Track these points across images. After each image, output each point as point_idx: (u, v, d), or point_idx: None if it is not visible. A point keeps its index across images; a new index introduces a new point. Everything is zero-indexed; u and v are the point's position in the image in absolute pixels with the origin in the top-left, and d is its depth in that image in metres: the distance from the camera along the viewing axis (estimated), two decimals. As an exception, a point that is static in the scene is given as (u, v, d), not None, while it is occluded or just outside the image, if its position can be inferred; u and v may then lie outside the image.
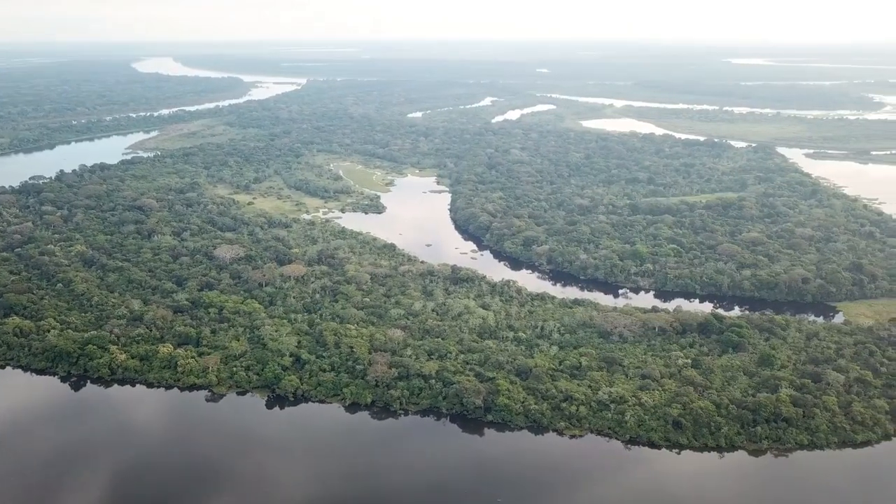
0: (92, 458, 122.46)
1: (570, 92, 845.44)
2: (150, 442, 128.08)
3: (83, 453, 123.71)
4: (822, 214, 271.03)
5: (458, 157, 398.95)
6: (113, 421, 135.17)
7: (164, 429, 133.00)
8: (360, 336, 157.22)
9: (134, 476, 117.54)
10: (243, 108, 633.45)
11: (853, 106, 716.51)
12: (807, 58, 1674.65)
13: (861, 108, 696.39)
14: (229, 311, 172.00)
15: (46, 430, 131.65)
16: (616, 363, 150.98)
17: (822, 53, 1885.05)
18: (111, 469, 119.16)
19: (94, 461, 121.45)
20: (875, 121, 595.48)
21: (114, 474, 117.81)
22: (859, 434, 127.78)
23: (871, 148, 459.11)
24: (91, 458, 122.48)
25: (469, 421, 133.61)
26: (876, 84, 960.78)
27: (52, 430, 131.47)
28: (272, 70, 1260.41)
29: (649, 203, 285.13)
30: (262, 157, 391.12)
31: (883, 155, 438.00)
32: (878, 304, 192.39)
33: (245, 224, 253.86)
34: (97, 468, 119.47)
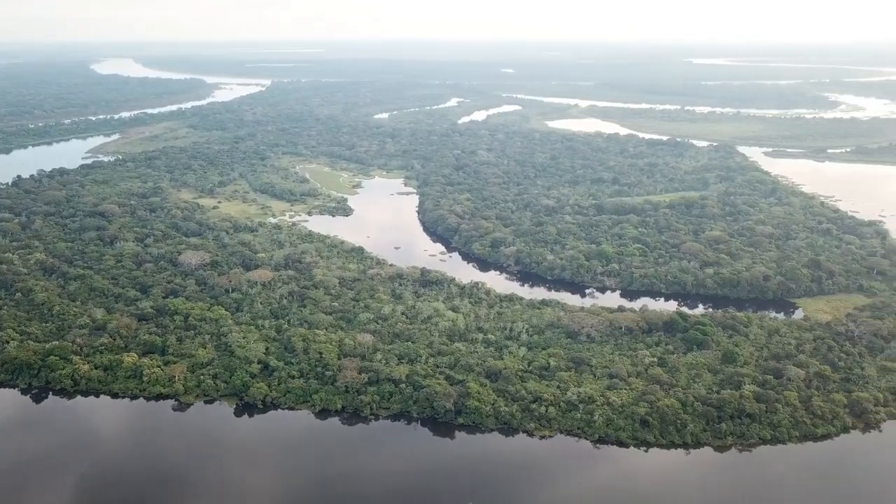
0: (55, 470, 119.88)
1: (535, 92, 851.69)
2: (116, 453, 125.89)
3: (46, 466, 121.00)
4: (782, 212, 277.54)
5: (425, 159, 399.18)
6: (76, 433, 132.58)
7: (129, 439, 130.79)
8: (329, 341, 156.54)
9: (99, 487, 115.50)
10: (207, 111, 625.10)
11: (810, 105, 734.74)
12: (764, 58, 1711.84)
13: (817, 107, 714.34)
14: (195, 319, 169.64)
15: (7, 443, 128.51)
16: (584, 363, 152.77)
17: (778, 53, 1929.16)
18: (75, 481, 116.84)
19: (57, 473, 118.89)
20: (830, 119, 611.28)
21: (78, 486, 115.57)
22: (819, 428, 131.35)
23: (827, 146, 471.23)
24: (54, 470, 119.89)
25: (440, 424, 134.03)
26: (831, 83, 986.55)
27: (13, 444, 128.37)
28: (235, 71, 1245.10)
29: (614, 203, 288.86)
30: (226, 160, 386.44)
31: (838, 153, 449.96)
32: (835, 299, 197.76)
33: (210, 229, 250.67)
34: (60, 481, 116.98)
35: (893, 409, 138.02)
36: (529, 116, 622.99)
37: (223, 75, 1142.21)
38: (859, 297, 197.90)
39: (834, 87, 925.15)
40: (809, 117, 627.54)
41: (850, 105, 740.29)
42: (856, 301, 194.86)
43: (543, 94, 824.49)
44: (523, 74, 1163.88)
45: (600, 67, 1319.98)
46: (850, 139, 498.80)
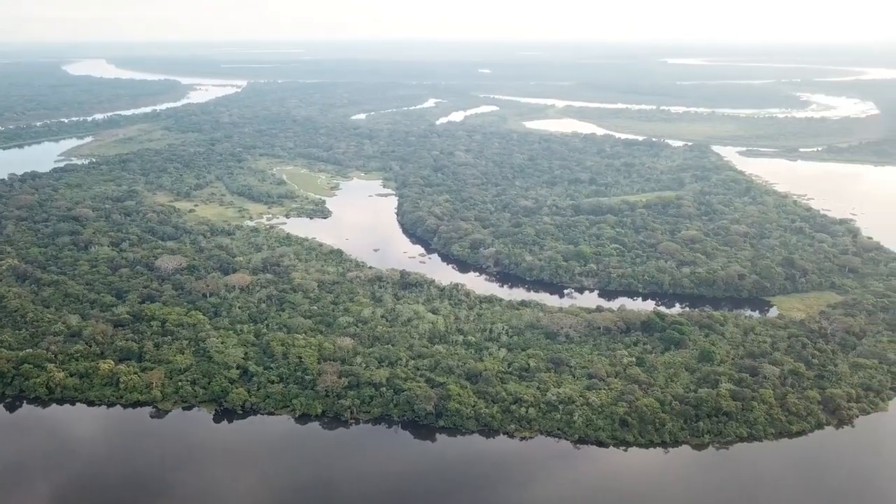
0: (30, 480, 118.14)
1: (512, 92, 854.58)
2: (92, 461, 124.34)
3: (21, 476, 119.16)
4: (756, 211, 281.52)
5: (403, 160, 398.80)
6: (52, 442, 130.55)
7: (106, 448, 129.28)
8: (309, 345, 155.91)
9: (75, 497, 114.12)
10: (182, 112, 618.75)
11: (782, 104, 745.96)
12: (737, 57, 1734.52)
13: (789, 107, 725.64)
14: (172, 324, 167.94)
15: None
16: (563, 364, 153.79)
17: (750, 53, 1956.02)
18: (51, 491, 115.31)
19: (33, 483, 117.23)
20: (802, 119, 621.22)
21: (54, 496, 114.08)
22: (794, 425, 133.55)
23: (799, 145, 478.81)
24: (29, 480, 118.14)
25: (421, 427, 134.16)
26: (802, 83, 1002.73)
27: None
28: (211, 72, 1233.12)
29: (591, 203, 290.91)
30: (202, 162, 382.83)
31: (810, 152, 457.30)
32: (808, 297, 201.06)
33: (187, 232, 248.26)
34: (36, 491, 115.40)
35: (866, 405, 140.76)
36: (507, 117, 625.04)
37: (198, 76, 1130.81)
38: (832, 295, 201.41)
39: (805, 87, 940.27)
40: (782, 117, 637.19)
41: (822, 104, 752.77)
42: (828, 298, 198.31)
43: (520, 95, 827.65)
44: (500, 74, 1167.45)
45: (577, 67, 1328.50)
46: (822, 138, 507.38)
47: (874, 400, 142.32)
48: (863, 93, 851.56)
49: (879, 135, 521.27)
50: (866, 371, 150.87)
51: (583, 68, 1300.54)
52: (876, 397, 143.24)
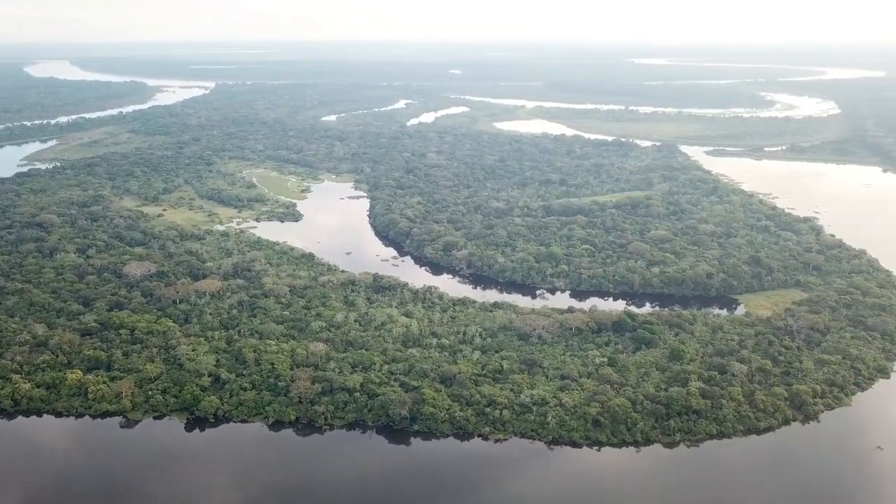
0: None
1: (482, 93, 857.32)
2: (61, 473, 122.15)
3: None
4: (723, 210, 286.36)
5: (374, 162, 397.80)
6: (19, 455, 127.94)
7: (75, 459, 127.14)
8: (281, 351, 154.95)
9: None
10: (149, 115, 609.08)
11: (747, 104, 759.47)
12: (702, 57, 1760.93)
13: (754, 106, 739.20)
14: (142, 332, 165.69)
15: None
16: (536, 365, 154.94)
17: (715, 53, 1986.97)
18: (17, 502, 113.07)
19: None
20: (767, 118, 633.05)
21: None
22: (762, 421, 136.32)
23: (764, 144, 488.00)
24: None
25: (395, 432, 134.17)
26: (766, 83, 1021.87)
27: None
28: (178, 73, 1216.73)
29: (562, 204, 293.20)
30: (170, 165, 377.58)
31: (775, 151, 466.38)
32: (774, 294, 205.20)
33: (155, 238, 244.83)
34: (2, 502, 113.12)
35: (830, 400, 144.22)
36: (478, 118, 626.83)
37: (165, 77, 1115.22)
38: (796, 292, 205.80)
39: (769, 87, 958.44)
40: (747, 116, 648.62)
41: (785, 104, 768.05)
42: (793, 296, 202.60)
43: (491, 96, 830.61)
44: (470, 75, 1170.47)
45: (545, 68, 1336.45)
46: (786, 137, 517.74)
47: (838, 395, 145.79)
48: (824, 92, 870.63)
49: (840, 134, 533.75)
50: (830, 367, 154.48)
51: (551, 69, 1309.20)
52: (840, 392, 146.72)
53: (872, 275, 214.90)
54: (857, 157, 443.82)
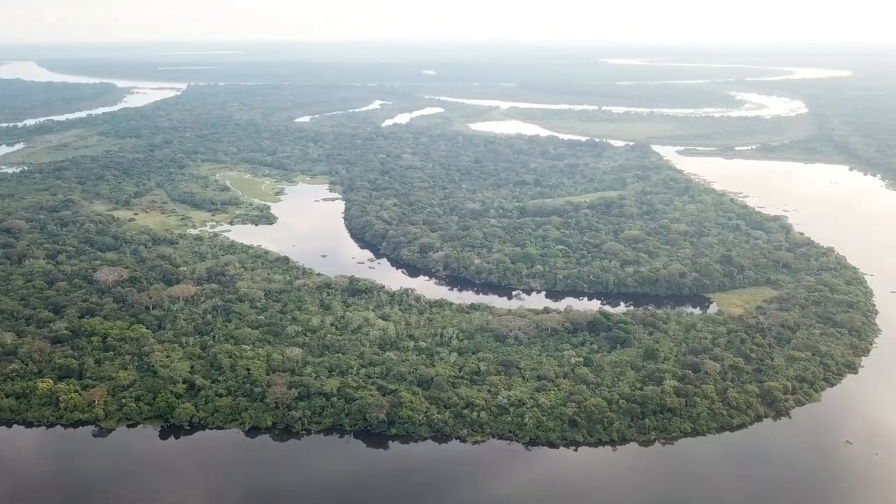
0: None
1: (456, 94, 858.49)
2: (32, 484, 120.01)
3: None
4: (695, 210, 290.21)
5: (349, 163, 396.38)
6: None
7: (46, 469, 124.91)
8: (257, 357, 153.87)
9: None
10: (119, 117, 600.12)
11: (717, 104, 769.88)
12: (673, 58, 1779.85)
13: (724, 106, 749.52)
14: (114, 339, 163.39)
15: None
16: (513, 366, 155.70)
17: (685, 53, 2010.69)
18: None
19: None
20: (737, 118, 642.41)
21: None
22: (735, 418, 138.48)
23: (734, 144, 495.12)
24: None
25: (373, 436, 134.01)
26: (736, 83, 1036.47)
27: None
28: (148, 74, 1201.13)
29: (537, 205, 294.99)
30: (142, 169, 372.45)
31: (745, 150, 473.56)
32: (745, 292, 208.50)
33: (127, 243, 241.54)
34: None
35: (801, 396, 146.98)
36: (452, 119, 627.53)
37: (135, 79, 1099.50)
38: (767, 290, 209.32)
39: (739, 87, 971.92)
40: (718, 116, 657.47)
41: (755, 104, 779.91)
42: (764, 294, 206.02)
43: (465, 96, 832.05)
44: (445, 76, 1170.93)
45: (518, 68, 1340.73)
46: (755, 137, 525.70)
47: (808, 391, 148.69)
48: (792, 92, 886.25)
49: (808, 133, 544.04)
50: (801, 363, 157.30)
51: (524, 69, 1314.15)
52: (810, 388, 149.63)
53: (840, 272, 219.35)
54: (825, 156, 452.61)
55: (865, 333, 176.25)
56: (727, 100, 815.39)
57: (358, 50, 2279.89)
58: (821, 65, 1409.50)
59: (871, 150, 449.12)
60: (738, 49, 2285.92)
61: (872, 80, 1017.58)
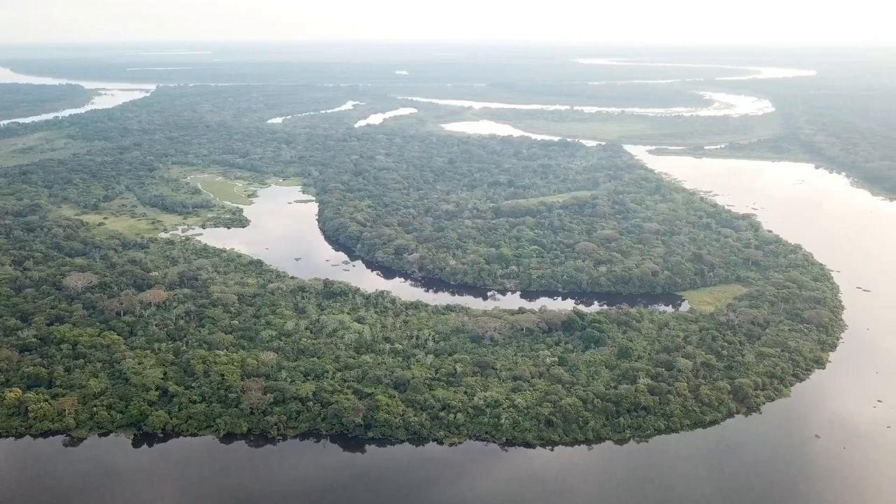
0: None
1: (429, 94, 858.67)
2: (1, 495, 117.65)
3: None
4: (666, 209, 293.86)
5: (322, 165, 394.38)
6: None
7: (14, 480, 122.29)
8: (231, 362, 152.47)
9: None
10: (87, 119, 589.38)
11: (687, 103, 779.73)
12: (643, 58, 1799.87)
13: (694, 106, 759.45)
14: (84, 346, 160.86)
15: None
16: (489, 367, 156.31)
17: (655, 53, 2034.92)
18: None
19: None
20: (706, 117, 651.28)
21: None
22: (708, 415, 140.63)
23: (704, 143, 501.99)
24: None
25: (350, 439, 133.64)
26: (705, 82, 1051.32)
27: None
28: (117, 76, 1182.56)
29: (511, 205, 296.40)
30: (111, 172, 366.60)
31: (714, 149, 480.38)
32: (716, 290, 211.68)
33: (97, 247, 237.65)
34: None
35: (771, 392, 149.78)
36: (426, 119, 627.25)
37: (103, 80, 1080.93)
38: (737, 287, 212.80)
39: (708, 87, 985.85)
40: (687, 115, 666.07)
41: (723, 103, 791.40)
42: (734, 291, 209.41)
43: (438, 97, 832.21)
44: (417, 76, 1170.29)
45: (490, 68, 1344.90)
46: (724, 136, 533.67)
47: (778, 387, 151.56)
48: (759, 91, 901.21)
49: (775, 132, 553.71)
50: (770, 360, 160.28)
51: (495, 69, 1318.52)
52: (780, 384, 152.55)
53: (808, 269, 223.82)
54: (792, 155, 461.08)
55: (832, 329, 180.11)
56: (697, 99, 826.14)
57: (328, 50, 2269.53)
58: (787, 65, 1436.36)
59: (836, 148, 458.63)
60: (706, 49, 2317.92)
61: (836, 80, 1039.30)
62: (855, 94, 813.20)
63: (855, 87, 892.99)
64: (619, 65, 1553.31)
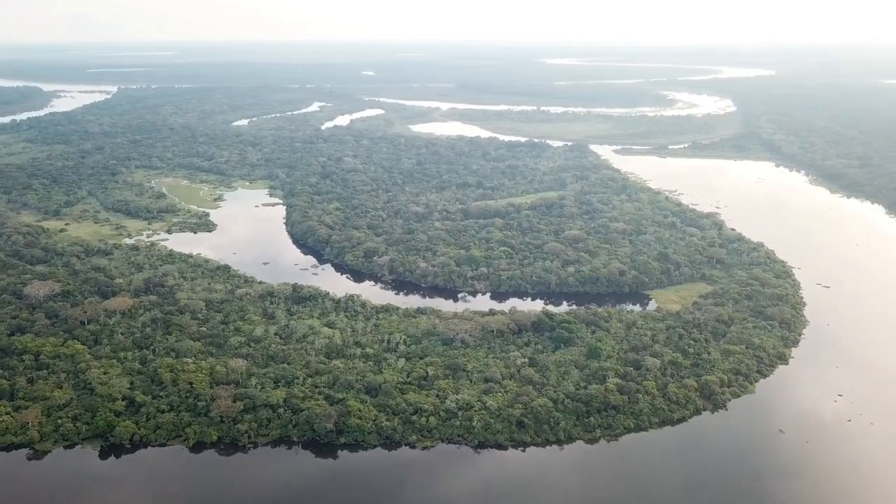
0: None
1: (396, 95, 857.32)
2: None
3: None
4: (633, 208, 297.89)
5: (289, 168, 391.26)
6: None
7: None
8: (200, 370, 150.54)
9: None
10: (46, 122, 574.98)
11: (651, 103, 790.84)
12: (607, 58, 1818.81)
13: (658, 105, 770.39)
14: (47, 356, 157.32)
15: None
16: (460, 369, 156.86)
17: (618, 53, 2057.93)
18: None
19: None
20: (670, 117, 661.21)
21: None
22: (676, 412, 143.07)
23: (668, 143, 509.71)
24: None
25: (322, 446, 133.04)
26: (668, 82, 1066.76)
27: None
28: (76, 77, 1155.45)
29: (480, 207, 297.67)
30: (72, 177, 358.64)
31: (678, 149, 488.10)
32: (682, 289, 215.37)
33: (58, 255, 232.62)
34: None
35: (737, 388, 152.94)
36: (393, 121, 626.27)
37: (62, 82, 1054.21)
38: (703, 285, 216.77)
39: (671, 86, 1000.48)
40: (652, 115, 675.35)
41: (686, 103, 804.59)
42: (700, 289, 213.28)
43: (405, 97, 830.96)
44: (384, 77, 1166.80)
45: (455, 69, 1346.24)
46: (687, 135, 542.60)
47: (743, 383, 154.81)
48: (721, 91, 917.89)
49: (737, 131, 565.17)
50: (735, 357, 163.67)
51: (461, 69, 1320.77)
52: (745, 381, 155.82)
53: (770, 266, 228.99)
54: (753, 154, 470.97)
55: (794, 325, 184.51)
56: (660, 99, 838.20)
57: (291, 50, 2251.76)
58: (746, 64, 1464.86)
59: (795, 146, 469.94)
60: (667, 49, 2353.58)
61: (794, 78, 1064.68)
62: (811, 93, 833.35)
63: (811, 87, 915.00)
64: (584, 65, 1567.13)
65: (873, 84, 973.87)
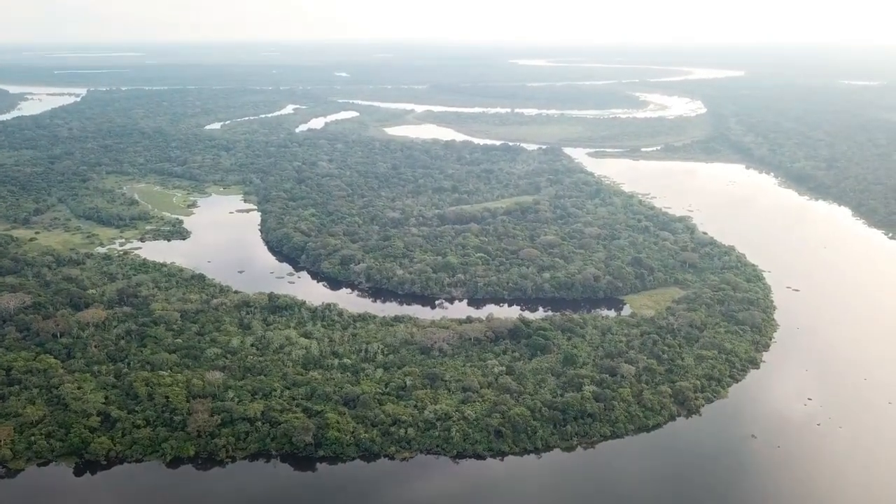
0: None
1: (370, 97, 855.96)
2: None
3: None
4: (606, 213, 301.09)
5: (264, 172, 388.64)
6: None
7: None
8: (176, 383, 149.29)
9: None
10: (12, 126, 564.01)
11: (623, 105, 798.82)
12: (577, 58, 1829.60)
13: (630, 107, 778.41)
14: (19, 371, 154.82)
15: None
16: (438, 378, 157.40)
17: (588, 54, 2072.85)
18: None
19: None
20: (642, 119, 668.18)
21: None
22: (651, 419, 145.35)
23: (640, 145, 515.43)
24: None
25: (300, 459, 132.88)
26: (640, 84, 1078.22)
27: None
28: (43, 79, 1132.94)
29: (455, 212, 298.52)
30: (41, 183, 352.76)
31: (651, 151, 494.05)
32: (656, 293, 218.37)
33: (28, 265, 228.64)
34: None
35: (710, 393, 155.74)
36: (368, 123, 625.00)
37: (29, 84, 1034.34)
38: (676, 290, 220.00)
39: (642, 88, 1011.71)
40: (624, 117, 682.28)
41: (658, 104, 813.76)
42: (673, 294, 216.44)
43: (379, 100, 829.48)
44: (358, 78, 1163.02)
45: (428, 70, 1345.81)
46: (660, 137, 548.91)
47: (716, 388, 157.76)
48: (691, 92, 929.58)
49: (707, 132, 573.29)
50: (708, 362, 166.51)
51: (434, 70, 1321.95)
52: (717, 385, 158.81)
53: (741, 270, 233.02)
54: (723, 156, 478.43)
55: (765, 329, 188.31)
56: (632, 101, 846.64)
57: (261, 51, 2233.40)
58: (715, 65, 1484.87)
59: (764, 149, 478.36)
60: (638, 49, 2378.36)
61: (763, 79, 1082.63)
62: (779, 94, 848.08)
63: (779, 88, 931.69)
64: (556, 65, 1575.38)
65: (837, 85, 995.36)
